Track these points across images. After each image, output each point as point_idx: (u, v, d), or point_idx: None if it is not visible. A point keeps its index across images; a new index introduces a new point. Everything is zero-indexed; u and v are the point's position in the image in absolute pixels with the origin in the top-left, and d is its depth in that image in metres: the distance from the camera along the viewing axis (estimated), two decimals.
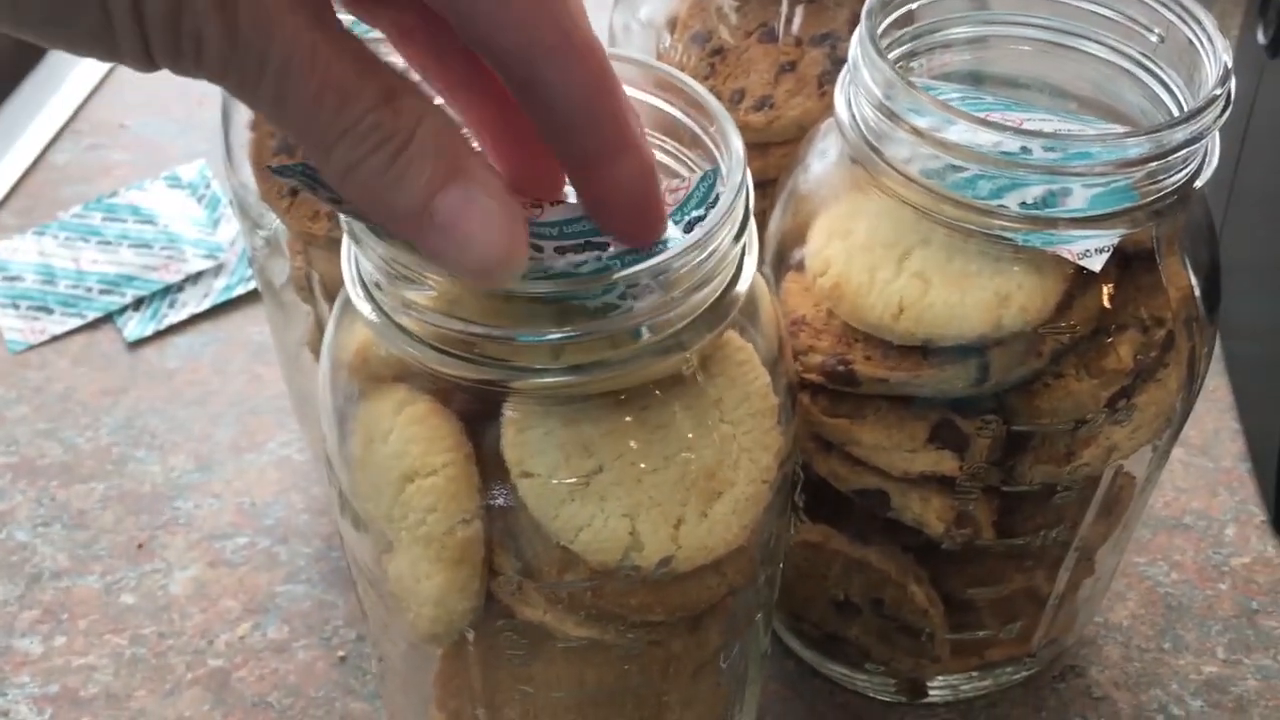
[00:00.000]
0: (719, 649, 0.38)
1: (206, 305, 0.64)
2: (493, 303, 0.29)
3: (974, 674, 0.47)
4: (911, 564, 0.43)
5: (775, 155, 0.44)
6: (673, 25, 0.46)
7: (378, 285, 0.30)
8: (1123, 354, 0.37)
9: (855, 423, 0.39)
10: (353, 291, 0.31)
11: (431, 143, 0.24)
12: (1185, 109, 0.36)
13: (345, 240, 0.31)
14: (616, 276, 0.28)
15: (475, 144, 0.30)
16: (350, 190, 0.25)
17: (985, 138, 0.33)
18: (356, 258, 0.31)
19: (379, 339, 0.31)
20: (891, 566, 0.43)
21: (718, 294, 0.30)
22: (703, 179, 0.30)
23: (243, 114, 0.45)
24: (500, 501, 0.32)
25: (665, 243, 0.29)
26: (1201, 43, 0.35)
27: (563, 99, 0.26)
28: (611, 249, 0.29)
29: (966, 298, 0.35)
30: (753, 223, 0.31)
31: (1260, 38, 0.55)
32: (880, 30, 0.36)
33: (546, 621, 0.34)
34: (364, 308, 0.31)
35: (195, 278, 0.66)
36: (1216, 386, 0.59)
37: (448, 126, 0.25)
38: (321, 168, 0.25)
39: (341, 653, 0.50)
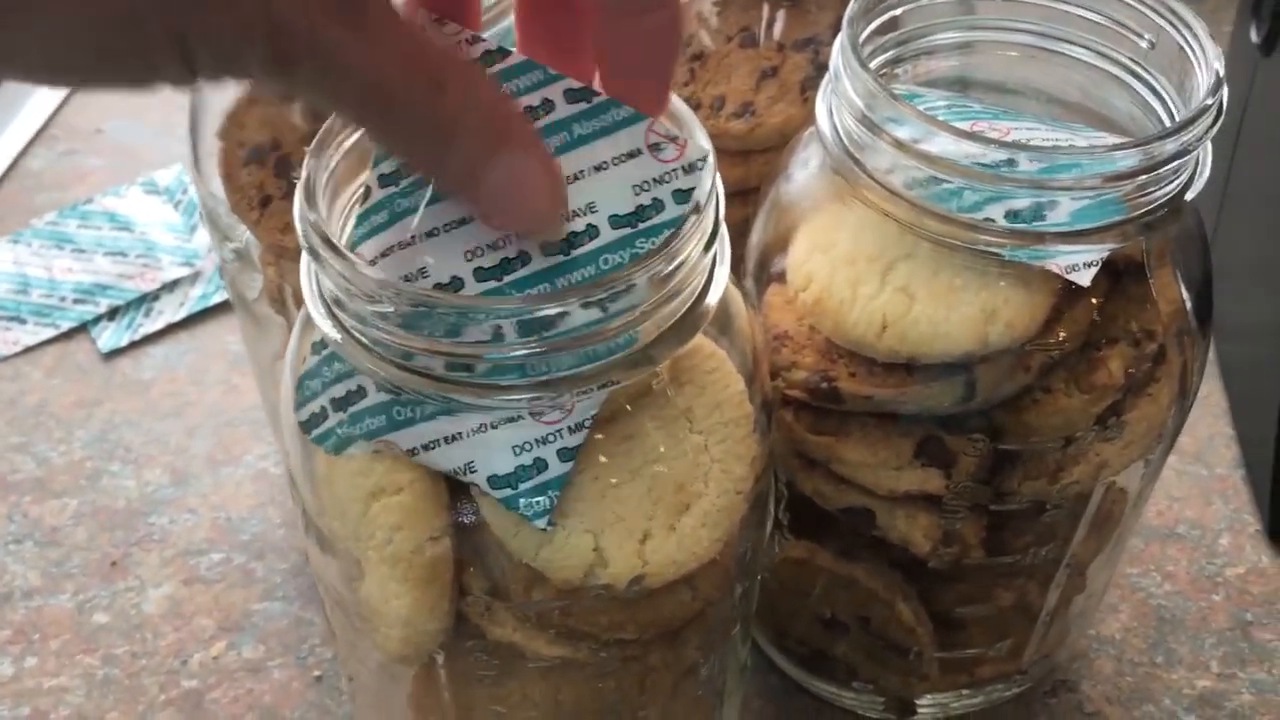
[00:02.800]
0: (697, 663, 0.37)
1: (183, 314, 0.63)
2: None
3: (963, 691, 0.46)
4: (899, 581, 0.42)
5: (757, 163, 0.43)
6: None
7: (338, 302, 0.29)
8: (1113, 369, 0.36)
9: (839, 440, 0.38)
10: (313, 309, 0.30)
11: (478, 121, 0.26)
12: (1176, 116, 0.35)
13: (304, 257, 0.30)
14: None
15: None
16: (406, 162, 0.28)
17: (969, 150, 0.32)
18: (316, 274, 0.30)
19: (341, 355, 0.30)
20: (878, 584, 0.42)
21: (688, 305, 0.29)
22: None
23: (211, 123, 0.44)
24: (468, 519, 0.31)
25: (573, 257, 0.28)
26: (1193, 49, 0.34)
27: None
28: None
29: (952, 314, 0.34)
30: (724, 231, 0.30)
31: (1254, 36, 0.54)
32: (862, 38, 0.35)
33: (517, 641, 0.33)
34: (324, 325, 0.30)
35: (171, 286, 0.65)
36: (1210, 392, 0.58)
37: (492, 96, 0.27)
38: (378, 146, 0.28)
39: (317, 672, 0.49)
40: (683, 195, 0.28)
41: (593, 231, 0.28)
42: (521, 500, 0.30)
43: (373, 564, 0.32)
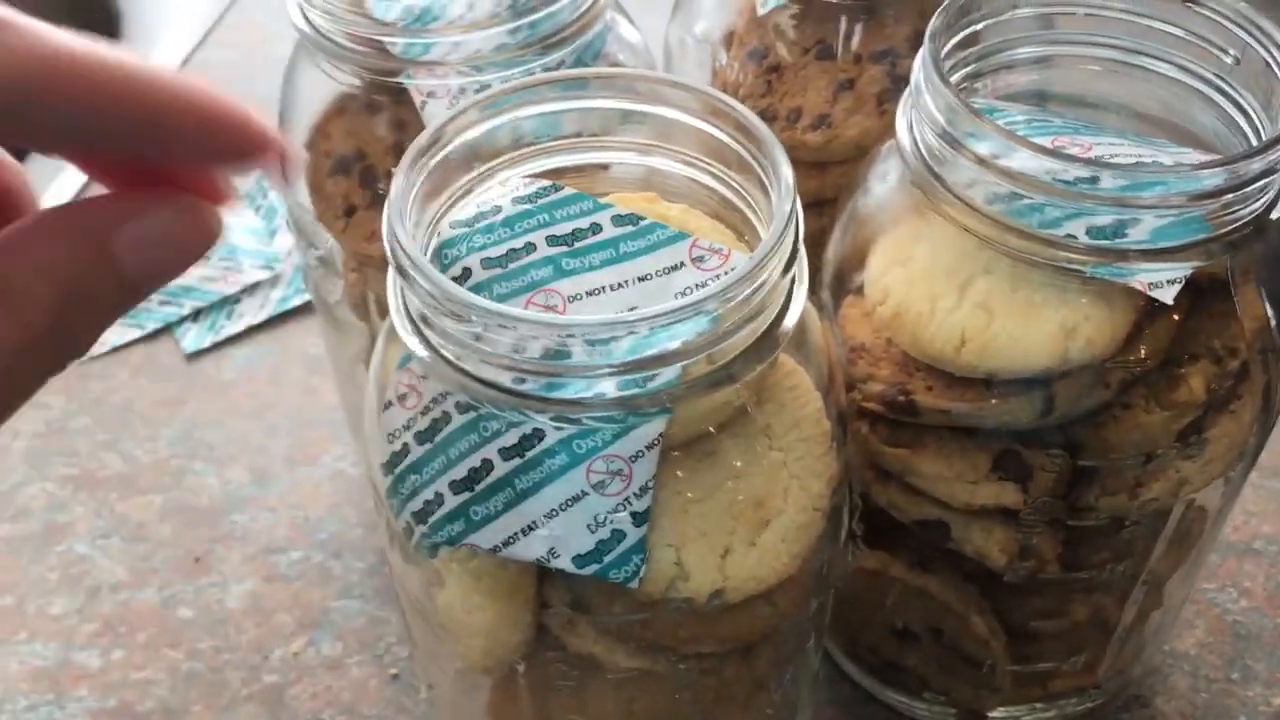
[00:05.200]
0: (771, 676, 0.37)
1: (263, 316, 0.65)
2: None
3: (1037, 705, 0.46)
4: (973, 594, 0.42)
5: (833, 175, 0.43)
6: (729, 41, 0.45)
7: (425, 320, 0.30)
8: (1194, 386, 0.36)
9: (915, 452, 0.38)
10: (400, 326, 0.31)
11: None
12: (1262, 133, 0.35)
13: (391, 273, 0.31)
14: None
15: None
16: None
17: (1050, 166, 0.32)
18: (403, 291, 0.31)
19: (427, 373, 0.31)
20: (952, 596, 0.42)
21: (766, 325, 0.30)
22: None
23: (298, 134, 0.45)
24: None
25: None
26: (1278, 66, 0.34)
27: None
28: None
29: (1031, 330, 0.34)
30: (802, 251, 0.30)
31: None
32: (944, 52, 0.35)
33: (597, 653, 0.33)
34: (411, 342, 0.30)
35: (252, 289, 0.66)
36: None
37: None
38: None
39: (394, 670, 0.50)
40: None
41: None
42: (611, 573, 0.30)
43: (455, 576, 0.33)
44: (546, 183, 0.32)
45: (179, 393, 0.62)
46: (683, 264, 0.31)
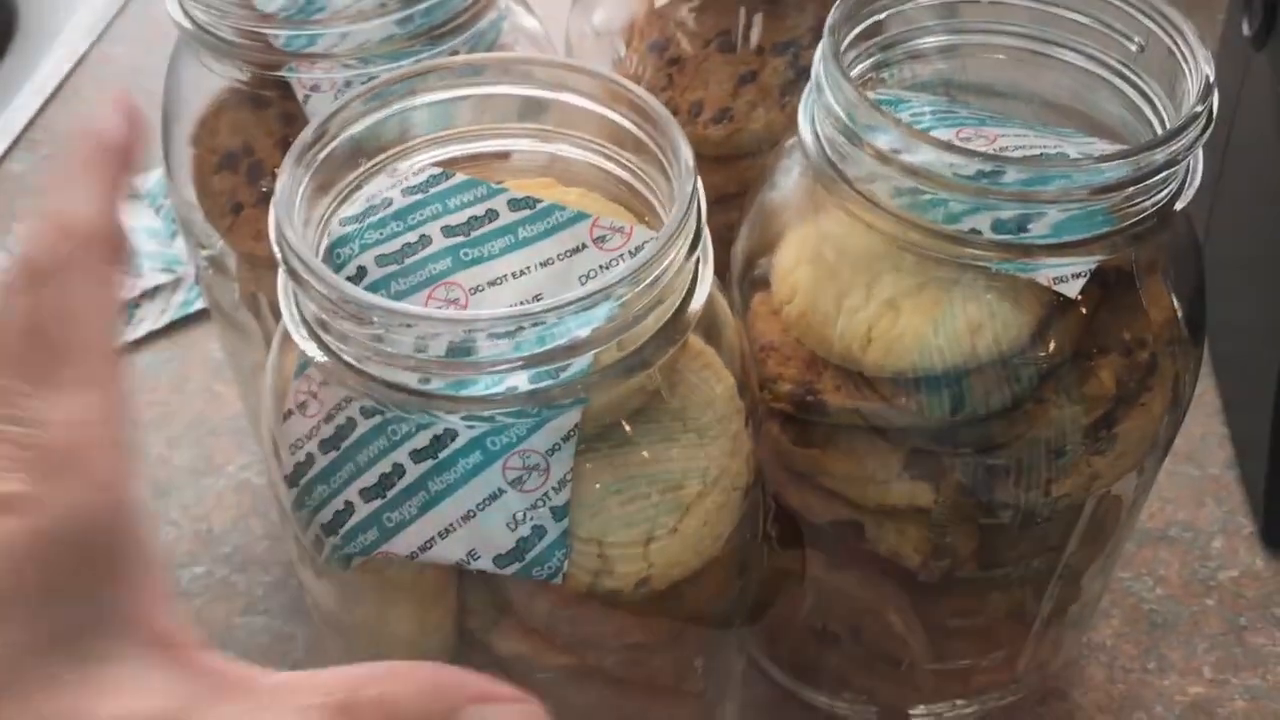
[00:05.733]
0: (697, 664, 0.36)
1: (164, 321, 0.62)
2: None
3: (958, 701, 0.46)
4: (890, 592, 0.41)
5: (738, 169, 0.42)
6: (629, 33, 0.44)
7: (321, 323, 0.28)
8: (1104, 379, 0.35)
9: (825, 453, 0.37)
10: (295, 330, 0.29)
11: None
12: (1167, 120, 0.34)
13: (282, 275, 0.30)
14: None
15: None
16: None
17: (951, 160, 0.31)
18: (295, 294, 0.29)
19: (327, 378, 0.30)
20: (869, 594, 0.42)
21: (675, 308, 0.29)
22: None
23: (183, 129, 0.43)
24: None
25: None
26: (1182, 53, 0.33)
27: None
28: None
29: (938, 327, 0.33)
30: (706, 232, 0.30)
31: (1245, 29, 0.53)
32: (845, 44, 0.34)
33: (524, 653, 0.32)
34: (308, 347, 0.29)
35: (152, 293, 0.64)
36: (1204, 390, 0.57)
37: None
38: None
39: None
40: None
41: None
42: (534, 570, 0.29)
43: (371, 586, 0.32)
44: (437, 170, 0.31)
45: None
46: (585, 245, 0.30)
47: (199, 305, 0.63)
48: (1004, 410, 0.35)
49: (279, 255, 0.28)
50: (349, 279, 0.29)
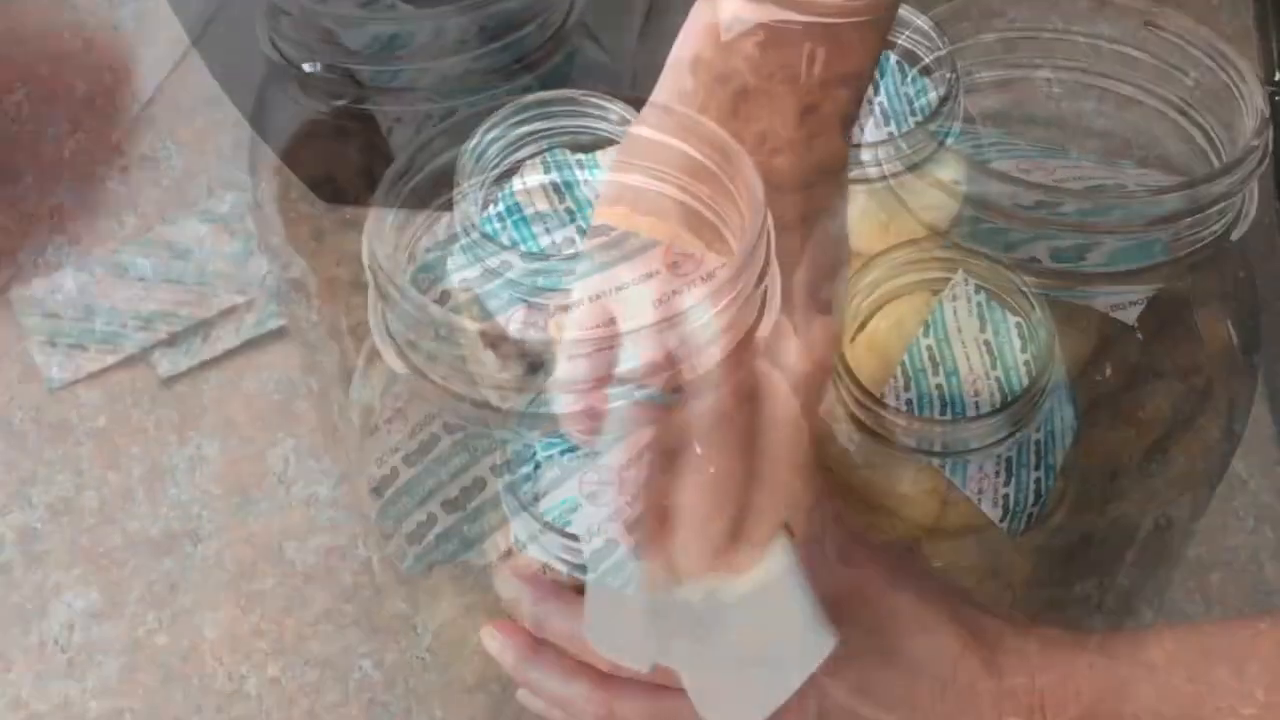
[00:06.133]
0: None
1: (239, 340, 0.65)
2: None
3: None
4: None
5: (798, 197, 0.43)
6: (695, 66, 0.45)
7: (409, 343, 0.30)
8: (1158, 404, 0.36)
9: (885, 474, 0.38)
10: (383, 349, 0.31)
11: None
12: (1224, 154, 0.35)
13: (371, 294, 0.31)
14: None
15: None
16: None
17: (1013, 191, 0.32)
18: (385, 314, 0.31)
19: (413, 395, 0.31)
20: None
21: (741, 335, 0.30)
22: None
23: (270, 157, 0.45)
24: None
25: None
26: (1238, 89, 0.34)
27: None
28: None
29: (999, 356, 0.34)
30: (775, 267, 0.31)
31: None
32: (909, 77, 0.36)
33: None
34: (395, 365, 0.30)
35: (227, 312, 0.66)
36: (1258, 416, 0.58)
37: None
38: None
39: (368, 695, 0.50)
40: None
41: None
42: (608, 580, 0.30)
43: (449, 594, 0.33)
44: (516, 201, 0.32)
45: (155, 417, 0.61)
46: (658, 271, 0.31)
47: (272, 325, 0.65)
48: (1061, 434, 0.36)
49: (371, 279, 0.29)
50: (435, 301, 0.31)
